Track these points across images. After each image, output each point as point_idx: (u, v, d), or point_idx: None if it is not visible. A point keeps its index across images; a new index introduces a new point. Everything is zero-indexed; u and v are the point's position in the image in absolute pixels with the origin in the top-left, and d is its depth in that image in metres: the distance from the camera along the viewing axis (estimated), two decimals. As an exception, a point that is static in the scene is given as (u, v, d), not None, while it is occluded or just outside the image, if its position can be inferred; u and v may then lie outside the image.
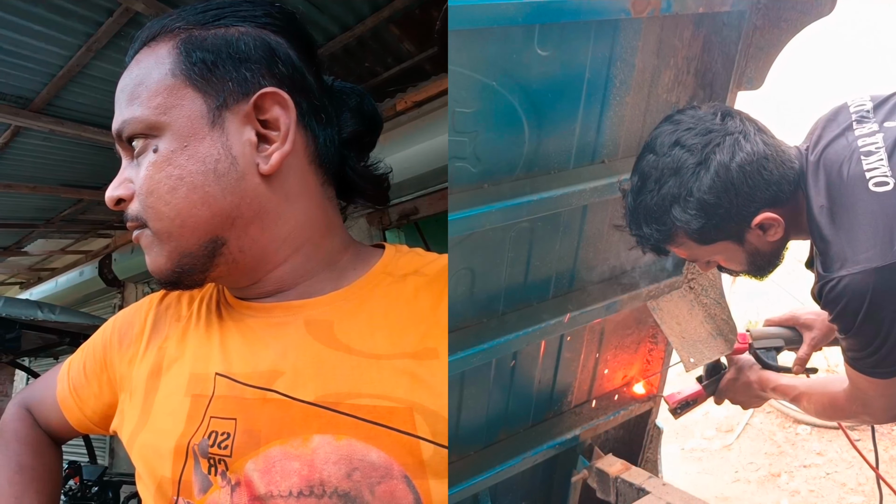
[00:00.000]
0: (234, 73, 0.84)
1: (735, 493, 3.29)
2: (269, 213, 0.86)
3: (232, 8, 0.88)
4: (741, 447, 3.59)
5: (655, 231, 1.32)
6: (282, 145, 0.84)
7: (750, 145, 1.25)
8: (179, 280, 0.88)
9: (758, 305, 4.15)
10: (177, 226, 0.83)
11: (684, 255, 1.41)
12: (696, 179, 1.25)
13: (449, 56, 1.14)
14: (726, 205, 1.26)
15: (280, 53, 0.86)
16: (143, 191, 0.84)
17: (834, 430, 3.45)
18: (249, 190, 0.84)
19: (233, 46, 0.85)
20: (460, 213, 1.29)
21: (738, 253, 1.37)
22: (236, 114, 0.83)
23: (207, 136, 0.82)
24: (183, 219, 0.83)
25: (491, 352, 1.49)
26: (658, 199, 1.29)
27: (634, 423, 2.09)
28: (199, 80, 0.83)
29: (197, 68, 0.83)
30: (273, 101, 0.84)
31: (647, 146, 1.32)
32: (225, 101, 0.83)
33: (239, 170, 0.83)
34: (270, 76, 0.85)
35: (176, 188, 0.82)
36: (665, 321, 1.80)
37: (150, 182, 0.83)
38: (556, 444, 1.82)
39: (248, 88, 0.84)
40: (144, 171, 0.83)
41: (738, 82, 1.55)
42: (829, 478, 3.23)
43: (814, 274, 1.33)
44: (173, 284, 0.89)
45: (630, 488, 1.76)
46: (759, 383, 1.76)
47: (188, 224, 0.83)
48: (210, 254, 0.86)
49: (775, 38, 1.49)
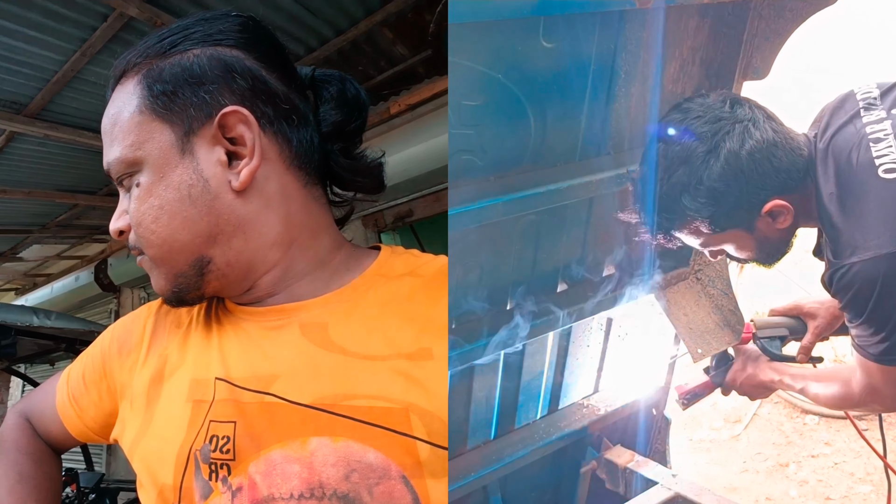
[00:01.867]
0: (194, 97, 0.85)
1: (743, 483, 3.30)
2: (249, 225, 0.88)
3: (185, 32, 0.89)
4: (749, 437, 3.59)
5: (665, 219, 1.34)
6: (250, 160, 0.85)
7: (759, 133, 1.26)
8: (181, 298, 0.93)
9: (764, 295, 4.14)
10: (164, 251, 0.88)
11: (694, 243, 1.41)
12: (706, 167, 1.26)
13: (450, 48, 1.14)
14: (736, 192, 1.26)
15: (237, 68, 0.87)
16: (134, 222, 0.89)
17: (842, 419, 3.45)
18: (225, 208, 0.86)
19: (188, 71, 0.86)
20: (466, 206, 1.29)
21: (748, 240, 1.37)
22: (203, 137, 0.85)
23: (179, 164, 0.85)
24: (169, 244, 0.87)
25: (499, 344, 1.50)
26: (668, 188, 1.30)
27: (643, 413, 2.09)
28: (163, 111, 0.85)
29: (160, 101, 0.85)
30: (236, 119, 0.85)
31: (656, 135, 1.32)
32: (191, 127, 0.85)
33: (212, 191, 0.85)
34: (230, 93, 0.86)
35: (158, 217, 0.86)
36: (672, 312, 1.81)
37: (137, 214, 0.88)
38: (564, 435, 1.82)
39: (209, 110, 0.85)
40: (133, 205, 0.88)
41: (744, 72, 1.55)
42: (838, 467, 3.23)
43: (823, 262, 1.33)
44: (178, 302, 0.94)
45: (639, 479, 1.77)
46: (767, 374, 1.76)
47: (175, 248, 0.88)
48: (199, 272, 0.89)
49: (780, 28, 1.49)
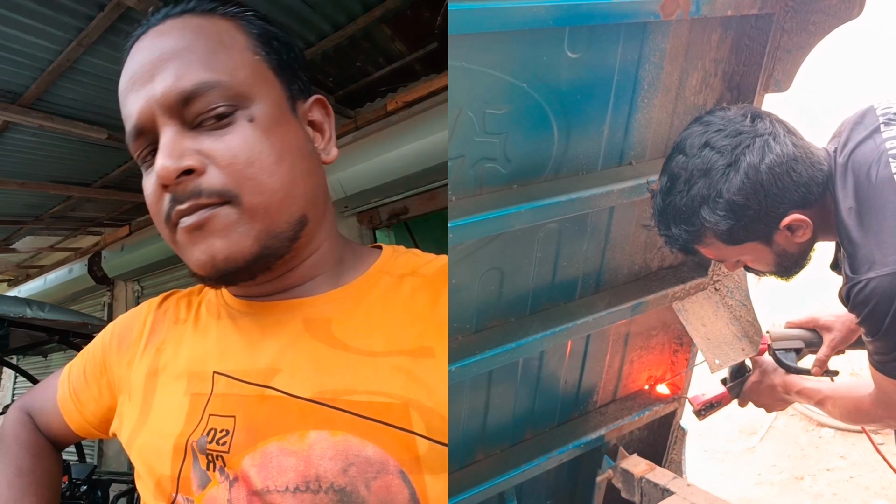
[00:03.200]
0: (302, 73, 0.90)
1: (758, 495, 3.28)
2: (328, 202, 0.92)
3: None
4: (764, 450, 3.57)
5: (684, 231, 1.34)
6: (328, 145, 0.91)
7: (780, 147, 1.26)
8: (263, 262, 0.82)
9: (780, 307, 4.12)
10: (278, 198, 0.80)
11: (712, 255, 1.42)
12: (726, 181, 1.26)
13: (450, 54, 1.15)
14: (755, 206, 1.27)
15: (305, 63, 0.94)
16: (241, 160, 0.78)
17: (857, 433, 3.42)
18: (323, 176, 0.90)
19: (295, 50, 0.90)
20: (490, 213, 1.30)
21: (766, 254, 1.38)
22: (300, 111, 0.89)
23: (292, 120, 0.86)
24: (286, 190, 0.81)
25: (518, 351, 1.51)
26: (687, 200, 1.30)
27: (659, 423, 2.09)
28: (278, 68, 0.86)
29: (276, 57, 0.87)
30: (321, 105, 0.92)
31: (676, 147, 1.33)
32: (294, 96, 0.88)
33: (316, 155, 0.89)
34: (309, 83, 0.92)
35: (282, 159, 0.81)
36: (690, 322, 1.81)
37: (251, 152, 0.78)
38: (581, 443, 1.82)
39: (306, 92, 0.90)
40: (239, 140, 0.78)
41: (766, 85, 1.55)
42: (853, 481, 3.20)
43: (841, 276, 1.34)
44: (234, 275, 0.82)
45: (654, 489, 1.77)
46: (784, 386, 1.75)
47: (289, 197, 0.82)
48: (295, 234, 0.84)
49: (803, 41, 1.49)
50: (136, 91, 0.80)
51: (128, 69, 0.83)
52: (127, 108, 0.82)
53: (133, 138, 0.82)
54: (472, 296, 1.44)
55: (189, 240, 0.80)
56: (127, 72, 0.83)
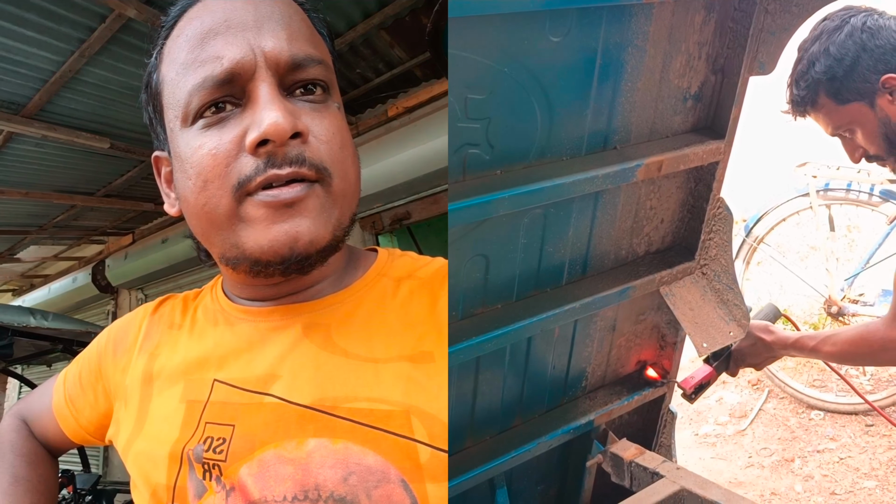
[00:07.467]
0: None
1: (748, 478, 3.30)
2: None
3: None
4: (754, 432, 3.59)
5: (803, 89, 1.63)
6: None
7: (882, 20, 1.56)
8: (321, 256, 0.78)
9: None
10: (352, 191, 0.79)
11: (824, 122, 1.65)
12: (833, 39, 1.57)
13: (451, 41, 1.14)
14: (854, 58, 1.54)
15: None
16: (337, 142, 0.76)
17: (847, 415, 3.45)
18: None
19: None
20: (473, 199, 1.29)
21: (871, 119, 1.58)
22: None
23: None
24: (358, 185, 0.81)
25: (505, 338, 1.50)
26: (805, 61, 1.63)
27: (648, 408, 2.10)
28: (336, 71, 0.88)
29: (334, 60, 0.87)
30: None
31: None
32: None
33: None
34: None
35: (354, 152, 0.81)
36: (678, 306, 1.81)
37: (344, 137, 0.77)
38: (570, 428, 1.83)
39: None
40: (334, 122, 0.77)
41: (750, 68, 1.55)
42: (843, 462, 3.23)
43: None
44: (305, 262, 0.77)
45: (644, 472, 1.77)
46: (778, 342, 1.81)
47: (357, 193, 0.81)
48: (349, 228, 0.82)
49: (787, 23, 1.49)
50: (235, 34, 0.74)
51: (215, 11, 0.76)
52: (213, 48, 0.74)
53: (214, 83, 0.73)
54: (457, 283, 1.44)
55: (269, 216, 0.73)
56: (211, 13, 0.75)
